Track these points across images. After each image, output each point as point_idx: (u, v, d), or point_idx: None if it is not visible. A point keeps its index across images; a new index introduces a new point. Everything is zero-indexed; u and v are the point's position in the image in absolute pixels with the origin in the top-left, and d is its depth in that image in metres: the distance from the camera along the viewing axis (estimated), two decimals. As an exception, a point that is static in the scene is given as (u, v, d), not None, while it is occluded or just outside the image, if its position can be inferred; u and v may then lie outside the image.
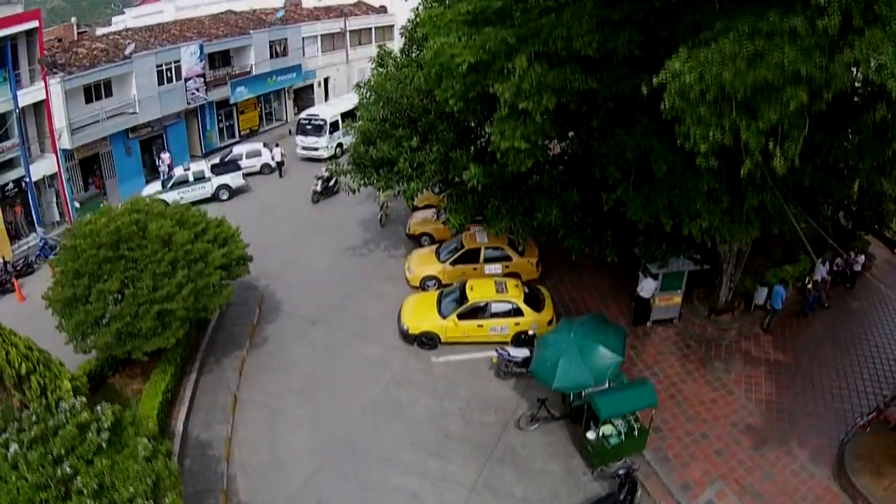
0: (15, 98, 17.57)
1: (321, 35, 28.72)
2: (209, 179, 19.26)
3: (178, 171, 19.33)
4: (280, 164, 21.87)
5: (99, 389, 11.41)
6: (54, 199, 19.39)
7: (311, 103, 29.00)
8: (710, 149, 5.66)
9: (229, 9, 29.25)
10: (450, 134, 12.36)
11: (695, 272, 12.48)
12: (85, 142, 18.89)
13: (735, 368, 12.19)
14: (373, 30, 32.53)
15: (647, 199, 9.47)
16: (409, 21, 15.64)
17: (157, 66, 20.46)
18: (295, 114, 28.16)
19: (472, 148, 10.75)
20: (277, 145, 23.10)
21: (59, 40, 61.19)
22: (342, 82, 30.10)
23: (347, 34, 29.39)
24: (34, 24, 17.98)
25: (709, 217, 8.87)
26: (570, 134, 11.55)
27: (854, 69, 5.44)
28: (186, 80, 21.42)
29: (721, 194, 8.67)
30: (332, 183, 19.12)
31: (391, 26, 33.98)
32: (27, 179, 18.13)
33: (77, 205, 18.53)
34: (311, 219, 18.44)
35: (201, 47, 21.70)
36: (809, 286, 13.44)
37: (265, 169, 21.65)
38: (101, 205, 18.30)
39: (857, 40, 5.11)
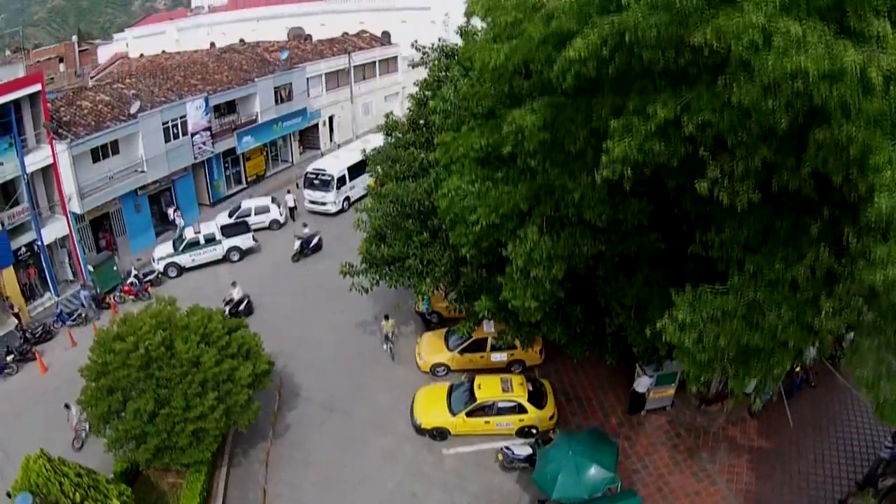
0: (22, 164, 17.86)
1: (325, 74, 28.85)
2: (220, 242, 19.83)
3: (189, 234, 19.83)
4: (293, 210, 22.81)
5: (135, 482, 12.26)
6: (67, 259, 19.93)
7: (316, 143, 29.35)
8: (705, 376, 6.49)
9: (232, 45, 29.24)
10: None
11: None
12: (95, 205, 19.36)
13: (720, 458, 13.22)
14: (377, 63, 32.63)
15: (645, 327, 10.28)
16: (417, 86, 15.77)
17: (164, 123, 20.75)
18: (300, 153, 28.51)
19: (484, 272, 11.40)
20: (289, 192, 24.09)
21: (61, 59, 59.59)
22: (347, 119, 30.37)
23: (352, 71, 29.48)
24: (37, 87, 18.18)
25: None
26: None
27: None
28: (193, 134, 21.72)
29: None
30: (313, 242, 19.71)
31: (395, 58, 34.06)
32: (39, 243, 18.64)
33: (91, 268, 19.02)
34: (320, 284, 18.93)
35: (207, 100, 21.93)
36: (798, 369, 14.26)
37: (274, 225, 22.19)
38: (114, 268, 19.20)
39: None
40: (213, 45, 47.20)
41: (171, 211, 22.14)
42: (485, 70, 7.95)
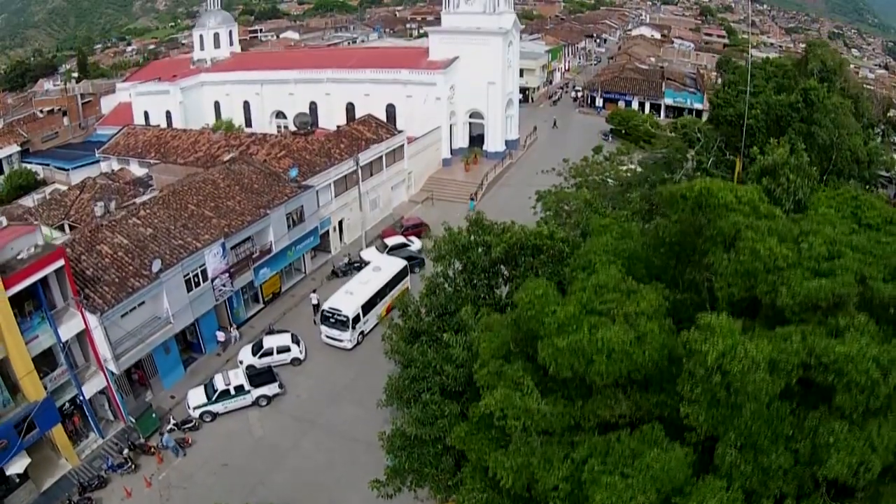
0: (57, 334, 18.72)
1: (334, 181, 29.20)
2: (249, 392, 20.86)
3: (220, 383, 20.78)
4: (316, 307, 24.87)
5: None
6: (107, 403, 21.05)
7: (326, 247, 29.90)
8: None
9: (242, 156, 29.38)
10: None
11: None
12: (129, 364, 20.21)
13: None
14: (383, 157, 32.82)
15: None
16: (435, 242, 16.26)
17: (185, 276, 21.36)
18: (312, 258, 29.11)
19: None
20: (314, 291, 26.27)
21: (65, 113, 60.10)
22: (355, 219, 30.79)
23: (359, 172, 29.81)
24: (60, 263, 18.60)
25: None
26: None
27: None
28: (213, 279, 22.37)
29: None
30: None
31: (401, 147, 34.23)
32: (81, 398, 19.68)
33: (133, 420, 20.14)
34: (348, 436, 19.78)
35: (224, 246, 22.49)
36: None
37: (294, 362, 23.03)
38: (154, 416, 20.25)
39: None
40: (217, 104, 47.36)
41: (218, 333, 23.73)
42: None
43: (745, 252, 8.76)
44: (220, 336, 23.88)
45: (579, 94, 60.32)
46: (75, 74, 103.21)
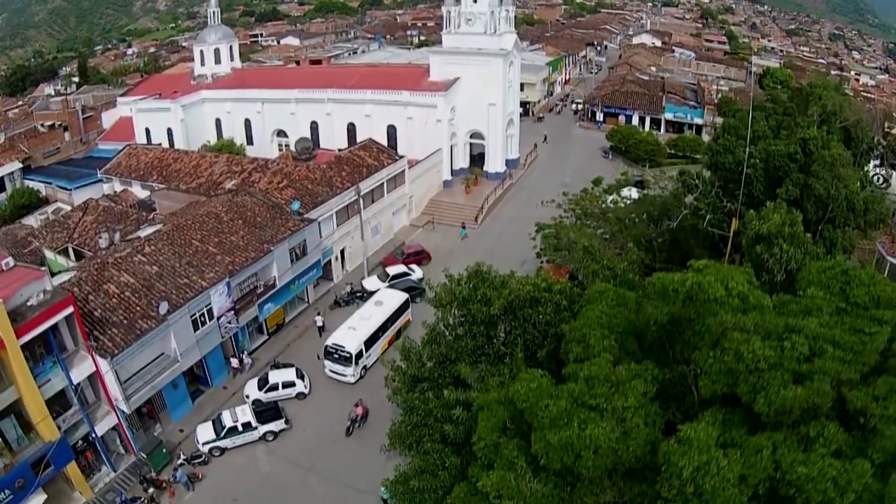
0: (68, 377, 19.24)
1: (336, 212, 29.60)
2: (256, 428, 21.42)
3: (228, 420, 21.35)
4: (321, 329, 26.37)
5: None
6: (118, 439, 21.61)
7: (329, 275, 30.36)
8: None
9: (244, 187, 29.79)
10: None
11: None
12: (140, 403, 20.77)
13: None
14: (384, 184, 33.19)
15: None
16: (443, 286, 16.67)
17: (191, 316, 21.83)
18: (314, 286, 29.57)
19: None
20: (319, 313, 27.24)
21: (66, 128, 60.18)
22: (357, 247, 31.20)
23: (361, 201, 30.21)
24: (69, 310, 19.02)
25: None
26: None
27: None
28: (219, 318, 22.85)
29: None
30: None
31: (402, 172, 34.58)
32: (93, 435, 20.27)
33: (144, 455, 20.75)
34: (352, 472, 20.16)
35: (228, 285, 22.94)
36: None
37: (299, 396, 23.55)
38: (164, 451, 20.81)
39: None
40: (218, 121, 47.66)
41: (232, 360, 24.73)
42: None
43: (729, 353, 9.28)
44: (234, 363, 24.72)
45: (580, 108, 60.60)
46: (76, 79, 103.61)
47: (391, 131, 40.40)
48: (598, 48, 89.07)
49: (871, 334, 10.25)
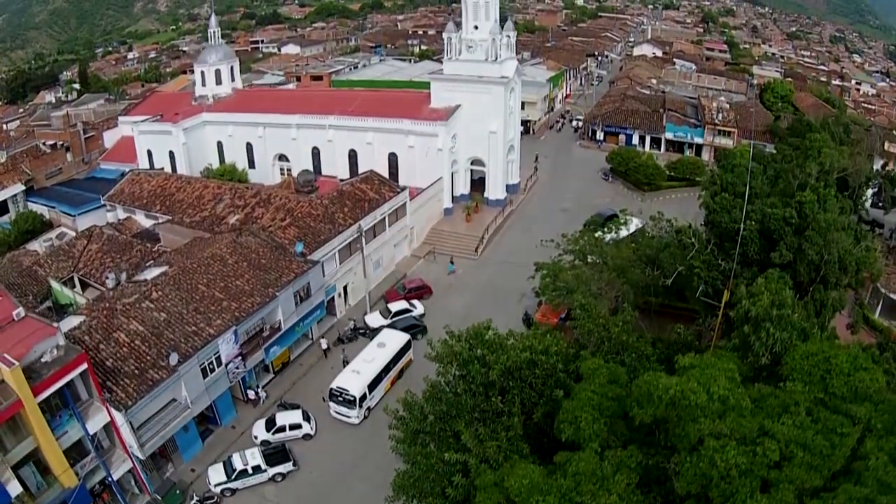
0: (84, 428, 20.04)
1: (338, 250, 30.23)
2: (265, 470, 22.27)
3: (238, 463, 22.18)
4: (326, 351, 28.57)
5: None
6: (133, 480, 22.40)
7: (332, 310, 31.05)
8: None
9: (246, 223, 30.34)
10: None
11: None
12: (153, 450, 21.57)
13: None
14: (386, 219, 33.78)
15: None
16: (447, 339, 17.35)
17: (200, 365, 22.55)
18: (318, 322, 30.26)
19: None
20: (323, 336, 29.06)
21: (68, 148, 60.33)
22: (359, 282, 31.86)
23: (363, 237, 30.85)
24: (83, 367, 19.73)
25: None
26: None
27: None
28: (227, 364, 23.60)
29: None
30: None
31: (403, 205, 35.14)
32: (109, 479, 21.11)
33: (159, 497, 21.55)
34: None
35: (235, 332, 23.64)
36: None
37: (306, 437, 24.31)
38: (178, 492, 21.65)
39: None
40: (220, 144, 48.15)
41: (249, 392, 25.99)
42: None
43: (704, 459, 10.09)
44: (251, 394, 25.88)
45: (580, 126, 61.01)
46: (76, 85, 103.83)
47: (392, 159, 40.93)
48: (600, 59, 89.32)
49: (843, 435, 10.97)
